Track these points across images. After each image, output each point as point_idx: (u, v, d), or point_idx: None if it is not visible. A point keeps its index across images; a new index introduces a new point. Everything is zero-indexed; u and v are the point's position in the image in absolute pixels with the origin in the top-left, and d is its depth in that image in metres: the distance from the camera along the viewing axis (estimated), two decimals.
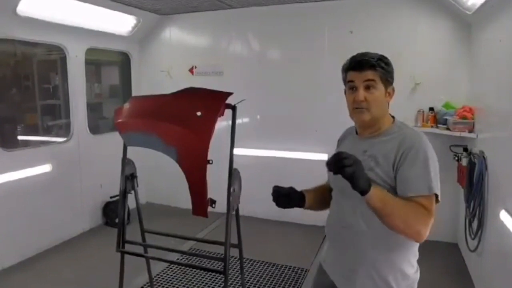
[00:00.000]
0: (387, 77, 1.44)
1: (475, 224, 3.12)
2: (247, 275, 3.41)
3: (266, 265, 3.63)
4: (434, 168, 1.33)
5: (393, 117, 1.52)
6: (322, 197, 1.64)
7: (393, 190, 1.34)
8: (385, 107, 1.47)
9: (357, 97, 1.41)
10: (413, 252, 1.47)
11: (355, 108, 1.43)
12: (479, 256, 3.10)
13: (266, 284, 3.31)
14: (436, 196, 1.32)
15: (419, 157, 1.33)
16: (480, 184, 2.99)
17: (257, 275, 3.45)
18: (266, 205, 3.81)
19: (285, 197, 1.49)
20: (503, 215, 2.43)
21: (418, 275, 1.49)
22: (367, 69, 1.40)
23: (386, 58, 1.46)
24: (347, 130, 1.66)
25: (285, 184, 1.57)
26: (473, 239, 3.17)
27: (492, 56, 3.02)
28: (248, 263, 3.62)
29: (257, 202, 4.36)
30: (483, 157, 3.00)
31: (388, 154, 1.37)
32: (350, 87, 1.44)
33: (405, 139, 1.38)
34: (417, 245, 1.46)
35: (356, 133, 1.55)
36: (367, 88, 1.41)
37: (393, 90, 1.49)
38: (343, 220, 1.45)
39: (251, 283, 3.31)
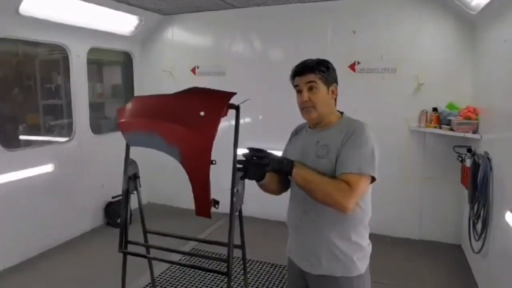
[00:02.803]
0: (327, 77, 1.61)
1: (479, 226, 3.10)
2: (250, 276, 3.40)
3: (269, 266, 3.61)
4: (368, 153, 1.50)
5: (341, 112, 1.69)
6: (274, 179, 1.70)
7: None
8: (330, 104, 1.64)
9: (302, 98, 1.60)
10: (363, 226, 1.63)
11: (303, 108, 1.62)
12: (483, 258, 3.08)
13: (269, 285, 3.29)
14: (373, 177, 1.51)
15: (356, 142, 1.51)
16: (484, 185, 2.96)
17: (260, 276, 3.44)
18: (268, 205, 3.80)
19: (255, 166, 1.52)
20: (508, 216, 2.41)
21: (370, 248, 1.66)
22: (308, 72, 1.59)
23: (325, 62, 1.63)
24: (300, 125, 1.83)
25: None
26: (477, 240, 3.15)
27: (496, 56, 3.00)
28: (251, 264, 3.61)
29: (259, 203, 4.35)
30: (488, 158, 2.98)
31: (336, 143, 1.55)
32: (297, 90, 1.63)
33: (350, 128, 1.56)
34: (366, 219, 1.63)
35: (309, 127, 1.72)
36: (310, 89, 1.59)
37: (336, 88, 1.65)
38: (305, 205, 1.60)
39: (254, 284, 3.30)
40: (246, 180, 2.21)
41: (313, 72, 1.58)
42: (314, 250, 1.61)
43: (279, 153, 1.83)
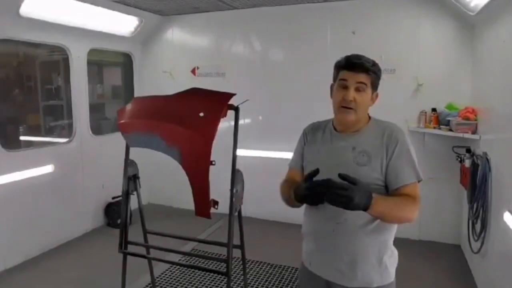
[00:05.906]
0: (376, 83, 1.51)
1: (478, 226, 3.10)
2: (249, 276, 3.40)
3: (268, 266, 3.62)
4: (415, 157, 1.48)
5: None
6: None
7: (382, 182, 1.47)
8: (367, 110, 1.55)
9: (347, 96, 1.45)
10: (395, 231, 1.59)
11: (342, 107, 1.48)
12: (482, 258, 3.09)
13: (268, 285, 3.30)
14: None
15: (403, 150, 1.45)
16: (483, 185, 2.97)
17: (259, 276, 3.44)
18: (268, 206, 3.79)
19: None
20: (507, 216, 2.42)
21: (397, 252, 1.62)
22: (361, 71, 1.46)
23: (378, 64, 1.52)
24: (315, 124, 1.69)
25: None
26: (476, 240, 3.16)
27: (495, 57, 3.01)
28: (250, 264, 3.62)
29: (258, 203, 4.36)
30: (487, 158, 2.99)
31: (377, 149, 1.46)
32: (342, 85, 1.48)
33: (388, 134, 1.48)
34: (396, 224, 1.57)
35: (335, 129, 1.58)
36: (358, 90, 1.46)
37: (377, 96, 1.55)
38: (338, 217, 1.46)
39: (253, 284, 3.31)
40: (246, 180, 2.24)
41: (368, 73, 1.46)
42: (350, 261, 1.48)
43: (280, 153, 1.84)
